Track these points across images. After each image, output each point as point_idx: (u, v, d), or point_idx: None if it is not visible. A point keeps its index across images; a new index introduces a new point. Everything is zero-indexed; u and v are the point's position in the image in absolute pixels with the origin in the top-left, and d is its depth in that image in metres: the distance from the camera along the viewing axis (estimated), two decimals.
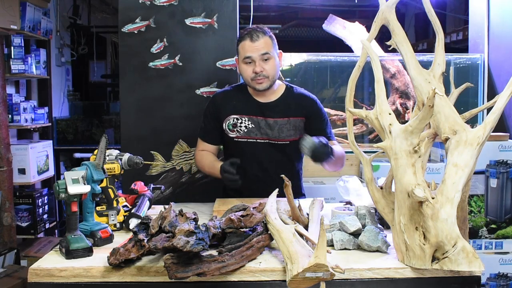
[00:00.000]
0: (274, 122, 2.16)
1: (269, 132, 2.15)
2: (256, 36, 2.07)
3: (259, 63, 2.07)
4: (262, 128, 2.16)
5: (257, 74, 2.07)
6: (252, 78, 2.10)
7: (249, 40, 2.07)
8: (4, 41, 3.41)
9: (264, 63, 2.08)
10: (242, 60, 2.12)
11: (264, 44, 2.08)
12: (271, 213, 1.49)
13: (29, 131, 4.00)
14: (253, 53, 2.07)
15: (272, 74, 2.11)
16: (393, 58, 3.30)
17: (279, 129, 2.15)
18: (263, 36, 2.08)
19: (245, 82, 2.17)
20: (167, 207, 1.42)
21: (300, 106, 2.19)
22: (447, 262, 1.29)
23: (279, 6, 5.89)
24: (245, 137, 2.16)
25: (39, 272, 1.34)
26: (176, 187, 2.78)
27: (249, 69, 2.09)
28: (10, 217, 3.31)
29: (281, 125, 2.16)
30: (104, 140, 1.59)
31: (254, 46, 2.07)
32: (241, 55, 2.12)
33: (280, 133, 2.15)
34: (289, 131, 2.16)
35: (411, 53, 1.46)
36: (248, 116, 2.16)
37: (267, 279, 1.33)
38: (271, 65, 2.09)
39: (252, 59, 2.07)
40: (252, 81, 2.11)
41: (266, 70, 2.08)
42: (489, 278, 2.59)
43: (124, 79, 2.77)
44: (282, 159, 2.19)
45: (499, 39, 3.14)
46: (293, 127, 2.17)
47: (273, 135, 2.15)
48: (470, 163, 1.34)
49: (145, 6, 2.73)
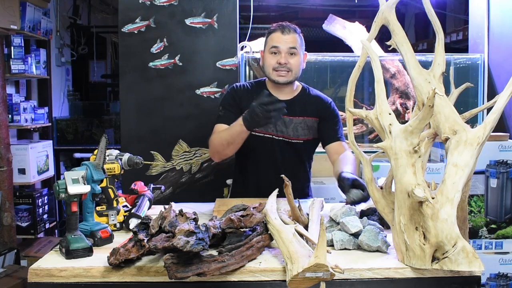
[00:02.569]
0: (289, 120, 2.17)
1: (284, 129, 2.16)
2: (287, 30, 2.12)
3: (285, 55, 2.10)
4: (278, 125, 2.16)
5: (281, 65, 2.10)
6: (274, 68, 2.11)
7: (280, 32, 2.12)
8: (4, 41, 3.41)
9: (290, 57, 2.11)
10: (268, 50, 2.14)
11: (293, 39, 2.12)
12: (271, 213, 1.49)
13: (29, 131, 4.00)
14: (281, 44, 2.10)
15: (295, 69, 2.13)
16: (393, 58, 3.30)
17: (294, 128, 2.17)
18: (294, 32, 2.13)
19: (266, 73, 2.16)
20: (167, 207, 1.42)
21: (316, 106, 2.21)
22: (447, 262, 1.29)
23: (279, 6, 5.89)
24: (263, 132, 2.16)
25: (39, 272, 1.34)
26: (176, 187, 2.78)
27: (274, 59, 2.11)
28: (10, 217, 3.31)
29: (296, 123, 2.17)
30: (104, 140, 1.59)
31: (284, 38, 2.10)
32: (268, 45, 2.14)
33: (295, 131, 2.17)
34: (304, 130, 2.18)
35: (411, 53, 1.46)
36: None
37: (267, 279, 1.33)
38: (296, 60, 2.12)
39: (279, 50, 2.10)
40: (273, 71, 2.12)
41: (290, 63, 2.11)
42: (489, 278, 2.59)
43: (124, 79, 2.78)
44: (295, 158, 2.20)
45: (499, 39, 3.14)
46: (307, 126, 2.18)
47: (288, 133, 2.17)
48: (470, 163, 1.33)
49: (145, 6, 2.73)
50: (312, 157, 2.31)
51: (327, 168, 3.03)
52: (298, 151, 2.20)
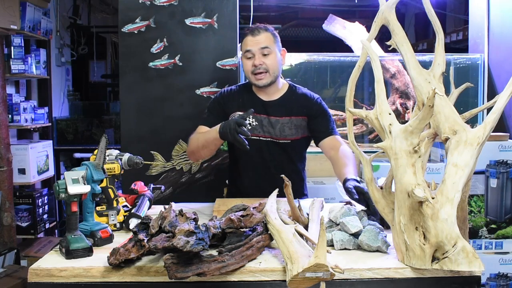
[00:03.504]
0: (276, 121, 2.18)
1: (271, 130, 2.17)
2: (257, 32, 2.13)
3: (259, 57, 2.10)
4: (265, 126, 2.18)
5: (256, 67, 2.10)
6: (252, 71, 2.12)
7: (250, 35, 2.13)
8: (4, 41, 3.41)
9: (264, 57, 2.11)
10: (243, 55, 2.16)
11: (265, 39, 2.12)
12: (271, 213, 1.49)
13: (29, 131, 4.00)
14: (252, 47, 2.11)
15: (272, 68, 2.12)
16: (393, 58, 3.30)
17: (280, 128, 2.17)
18: (264, 32, 2.13)
19: (247, 77, 2.19)
20: (167, 207, 1.42)
21: (303, 106, 2.20)
22: (447, 262, 1.29)
23: (279, 6, 5.89)
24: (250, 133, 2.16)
25: (39, 272, 1.34)
26: (176, 187, 2.78)
27: (249, 63, 2.13)
28: (10, 217, 3.31)
29: (282, 123, 2.17)
30: (104, 140, 1.59)
31: (254, 40, 2.12)
32: (243, 50, 2.16)
33: (282, 131, 2.17)
34: (291, 130, 2.18)
35: (411, 53, 1.46)
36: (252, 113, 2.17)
37: (267, 279, 1.33)
38: (271, 59, 2.12)
39: (252, 52, 2.11)
40: (252, 75, 2.13)
41: (266, 64, 2.11)
42: (489, 278, 2.59)
43: (124, 79, 2.78)
44: (284, 158, 2.21)
45: (499, 39, 3.14)
46: (295, 126, 2.18)
47: (275, 134, 2.17)
48: (470, 163, 1.33)
49: (145, 6, 2.73)
50: (304, 156, 2.31)
51: (327, 168, 3.03)
52: (287, 151, 2.20)
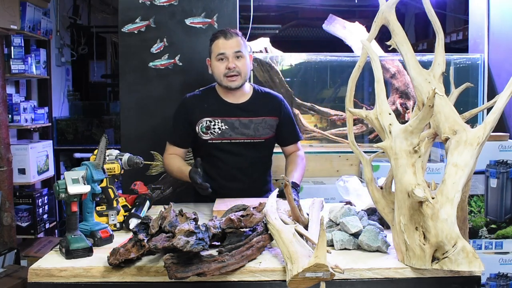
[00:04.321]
0: (249, 121, 2.20)
1: (245, 131, 2.19)
2: (230, 35, 2.15)
3: (232, 60, 2.13)
4: (236, 128, 2.19)
5: (230, 70, 2.12)
6: (225, 74, 2.14)
7: (223, 38, 2.14)
8: (4, 41, 3.41)
9: (237, 60, 2.14)
10: (215, 58, 2.17)
11: (237, 43, 2.15)
12: (271, 213, 1.49)
13: (29, 131, 4.00)
14: (226, 50, 2.13)
15: (244, 72, 2.16)
16: (393, 58, 3.30)
17: (255, 128, 2.20)
18: (236, 36, 2.17)
19: (217, 80, 2.20)
20: (167, 207, 1.42)
21: (272, 106, 2.26)
22: (447, 262, 1.29)
23: (279, 6, 5.89)
24: (219, 138, 2.19)
25: (39, 272, 1.34)
26: (176, 187, 2.78)
27: (222, 66, 2.14)
28: (10, 217, 3.31)
29: (256, 123, 2.21)
30: (104, 140, 1.59)
31: (228, 44, 2.13)
32: (214, 53, 2.17)
33: (256, 131, 2.20)
34: (265, 130, 2.22)
35: (411, 53, 1.46)
36: (221, 117, 2.19)
37: (267, 279, 1.33)
38: (243, 63, 2.15)
39: (226, 55, 2.13)
40: (224, 77, 2.15)
41: (239, 67, 2.14)
42: (489, 278, 2.59)
43: (124, 79, 2.77)
44: (257, 157, 2.25)
45: (499, 39, 3.14)
46: (268, 126, 2.23)
47: (249, 134, 2.20)
48: (470, 163, 1.34)
49: (145, 6, 2.73)
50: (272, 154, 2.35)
51: (327, 168, 3.04)
52: (260, 149, 2.24)
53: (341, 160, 3.17)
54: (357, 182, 1.90)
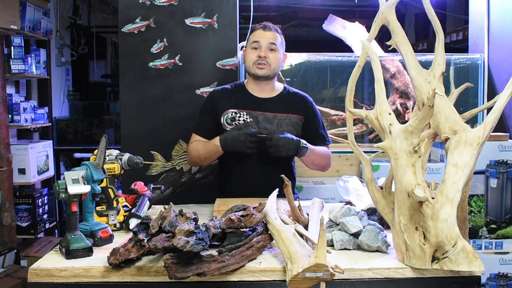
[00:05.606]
0: (273, 117, 2.20)
1: (268, 126, 2.18)
2: (268, 28, 2.22)
3: (265, 50, 2.17)
4: (260, 122, 2.18)
5: (261, 58, 2.16)
6: (254, 62, 2.18)
7: (261, 30, 2.22)
8: (4, 41, 3.41)
9: (269, 52, 2.18)
10: (249, 45, 2.22)
11: (274, 36, 2.20)
12: (271, 213, 1.49)
13: (29, 131, 4.00)
14: (262, 39, 2.18)
15: (274, 65, 2.19)
16: (393, 58, 3.30)
17: (278, 124, 2.19)
18: (275, 31, 2.22)
19: (247, 69, 2.23)
20: (167, 207, 1.42)
21: (300, 105, 2.25)
22: (447, 262, 1.29)
23: (279, 6, 5.89)
24: None
25: (39, 272, 1.34)
26: (176, 187, 2.78)
27: (254, 54, 2.19)
28: (10, 217, 3.31)
29: (280, 119, 2.20)
30: (104, 140, 1.59)
31: (265, 34, 2.20)
32: (250, 41, 2.23)
33: (279, 127, 2.18)
34: (288, 126, 2.19)
35: (411, 53, 1.46)
36: (246, 110, 2.20)
37: (267, 279, 1.33)
38: (275, 56, 2.19)
39: (260, 44, 2.18)
40: (254, 65, 2.18)
41: (270, 58, 2.18)
42: (489, 278, 2.59)
43: (124, 79, 2.77)
44: None
45: (499, 39, 3.14)
46: (292, 123, 2.20)
47: (272, 129, 2.17)
48: (470, 163, 1.34)
49: (145, 6, 2.73)
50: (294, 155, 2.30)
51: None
52: None
53: (341, 160, 3.17)
54: (357, 182, 1.90)
